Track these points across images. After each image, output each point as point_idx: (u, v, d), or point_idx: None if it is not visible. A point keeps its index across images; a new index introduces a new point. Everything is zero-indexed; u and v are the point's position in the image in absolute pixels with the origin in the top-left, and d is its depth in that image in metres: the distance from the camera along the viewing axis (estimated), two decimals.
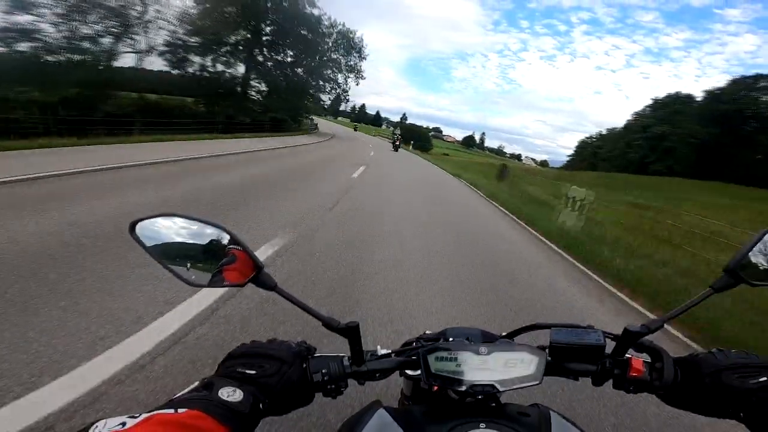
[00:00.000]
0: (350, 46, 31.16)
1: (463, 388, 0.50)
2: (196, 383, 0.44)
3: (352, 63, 32.11)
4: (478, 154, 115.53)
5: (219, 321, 2.15)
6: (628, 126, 47.95)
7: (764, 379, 0.47)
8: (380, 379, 0.55)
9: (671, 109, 41.44)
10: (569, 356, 0.54)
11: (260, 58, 24.74)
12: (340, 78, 32.28)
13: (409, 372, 0.56)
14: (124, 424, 0.34)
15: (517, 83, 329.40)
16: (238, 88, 23.43)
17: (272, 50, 25.29)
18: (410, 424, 0.49)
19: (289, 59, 26.37)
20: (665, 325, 0.53)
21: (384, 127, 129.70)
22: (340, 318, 0.53)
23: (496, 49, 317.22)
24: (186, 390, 0.43)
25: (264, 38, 24.23)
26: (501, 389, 0.50)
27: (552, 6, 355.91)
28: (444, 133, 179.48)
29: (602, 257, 5.34)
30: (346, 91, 32.95)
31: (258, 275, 0.52)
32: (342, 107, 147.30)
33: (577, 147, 68.02)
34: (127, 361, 1.68)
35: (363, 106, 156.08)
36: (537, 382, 0.51)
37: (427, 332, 0.65)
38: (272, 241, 3.70)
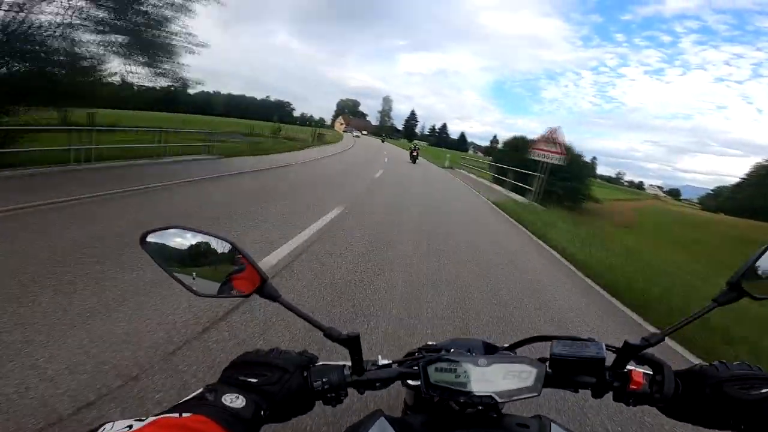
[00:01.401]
0: None
1: (462, 399, 0.51)
2: (200, 389, 0.45)
3: None
4: (601, 185, 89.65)
5: None
6: None
7: (766, 390, 0.46)
8: (380, 389, 0.56)
9: None
10: (569, 369, 0.54)
11: None
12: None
13: (410, 382, 0.56)
14: (130, 426, 0.35)
15: (618, 101, 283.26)
16: None
17: None
18: None
19: None
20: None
21: (471, 152, 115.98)
22: None
23: (590, 66, 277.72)
24: (190, 396, 0.44)
25: None
26: (500, 400, 0.50)
27: (650, 17, 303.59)
28: None
29: None
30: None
31: (263, 286, 0.55)
32: (418, 129, 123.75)
33: (752, 174, 46.23)
34: None
35: (444, 127, 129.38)
36: (536, 394, 0.50)
37: (430, 343, 0.65)
38: None
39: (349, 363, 0.55)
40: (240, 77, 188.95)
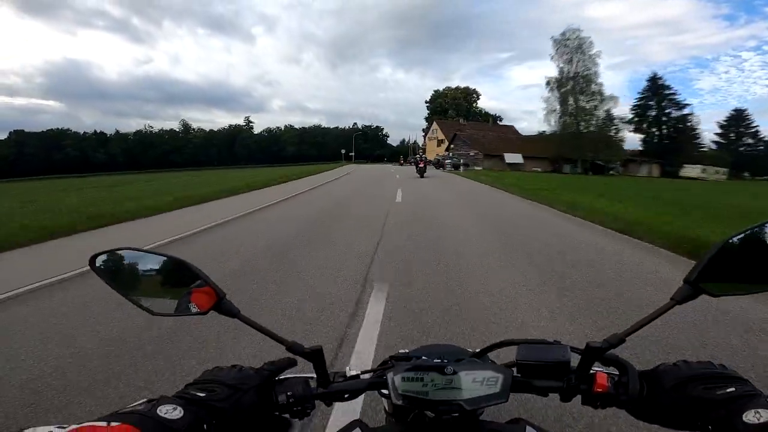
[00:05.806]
0: None
1: (430, 407, 0.52)
2: (143, 400, 0.45)
3: None
4: None
5: None
6: None
7: (731, 389, 0.46)
8: (349, 400, 0.57)
9: None
10: (536, 372, 0.55)
11: None
12: None
13: (384, 391, 0.56)
14: None
15: None
16: None
17: None
18: None
19: None
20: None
21: None
22: None
23: (748, 46, 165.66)
24: (130, 405, 0.44)
25: None
26: (468, 408, 0.51)
27: None
28: None
29: None
30: None
31: (220, 303, 0.55)
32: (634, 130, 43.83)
33: None
34: None
35: (684, 122, 44.64)
36: (503, 400, 0.51)
37: (401, 351, 0.65)
38: None
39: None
40: (358, 115, 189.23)
